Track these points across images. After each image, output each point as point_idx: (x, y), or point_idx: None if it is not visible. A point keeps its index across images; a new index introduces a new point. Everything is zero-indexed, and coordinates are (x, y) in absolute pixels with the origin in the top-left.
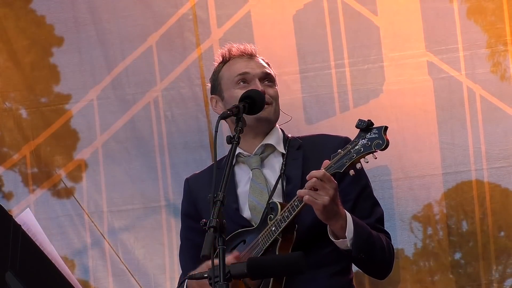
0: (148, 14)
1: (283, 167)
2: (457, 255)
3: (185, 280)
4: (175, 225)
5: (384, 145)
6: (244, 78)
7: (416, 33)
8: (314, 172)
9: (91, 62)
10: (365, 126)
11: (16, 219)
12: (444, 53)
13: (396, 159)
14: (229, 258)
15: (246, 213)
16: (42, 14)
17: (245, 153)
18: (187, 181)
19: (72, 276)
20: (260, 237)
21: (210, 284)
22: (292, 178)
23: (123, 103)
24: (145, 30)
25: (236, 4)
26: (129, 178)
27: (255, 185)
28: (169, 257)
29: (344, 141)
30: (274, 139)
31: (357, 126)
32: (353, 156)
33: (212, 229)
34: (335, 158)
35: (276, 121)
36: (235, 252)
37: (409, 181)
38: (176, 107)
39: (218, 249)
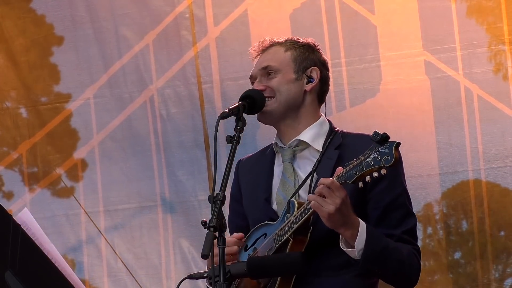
0: (145, 12)
1: (317, 164)
2: (457, 255)
3: None
4: (171, 224)
5: (392, 161)
6: (252, 81)
7: (413, 32)
8: (323, 179)
9: (88, 60)
10: (379, 139)
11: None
12: (442, 52)
13: None
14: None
15: (275, 205)
16: (42, 14)
17: (280, 143)
18: (239, 163)
19: (73, 274)
20: (275, 234)
21: (210, 283)
22: (322, 177)
23: (120, 101)
24: (142, 29)
25: (233, 3)
26: (126, 177)
27: (284, 179)
28: (165, 256)
29: None
30: (311, 135)
31: (371, 138)
32: (363, 168)
33: (212, 229)
34: (347, 167)
35: (289, 110)
36: (240, 234)
37: (406, 181)
38: (172, 106)
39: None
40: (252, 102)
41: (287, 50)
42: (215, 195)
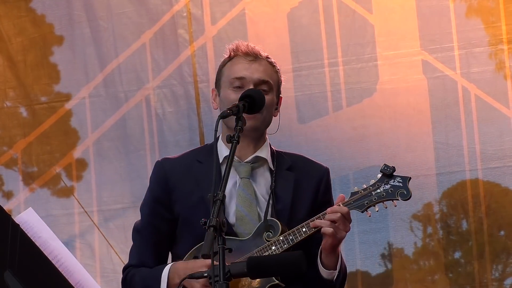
0: (143, 11)
1: (273, 184)
2: (457, 255)
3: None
4: None
5: (408, 196)
6: (239, 82)
7: (411, 32)
8: (338, 208)
9: (84, 59)
10: (390, 173)
11: (16, 218)
12: (439, 51)
13: (389, 159)
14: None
15: (231, 219)
16: (42, 13)
17: (235, 158)
18: (162, 164)
19: (82, 269)
20: (256, 252)
21: (210, 283)
22: (282, 198)
23: (115, 101)
24: (139, 28)
25: (231, 2)
26: (120, 176)
27: (244, 195)
28: None
29: (326, 173)
30: (266, 152)
31: (381, 170)
32: (375, 199)
33: (212, 229)
34: (354, 197)
35: (265, 129)
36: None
37: None
38: (168, 105)
39: (218, 249)
40: (251, 102)
41: (275, 72)
42: (215, 194)
